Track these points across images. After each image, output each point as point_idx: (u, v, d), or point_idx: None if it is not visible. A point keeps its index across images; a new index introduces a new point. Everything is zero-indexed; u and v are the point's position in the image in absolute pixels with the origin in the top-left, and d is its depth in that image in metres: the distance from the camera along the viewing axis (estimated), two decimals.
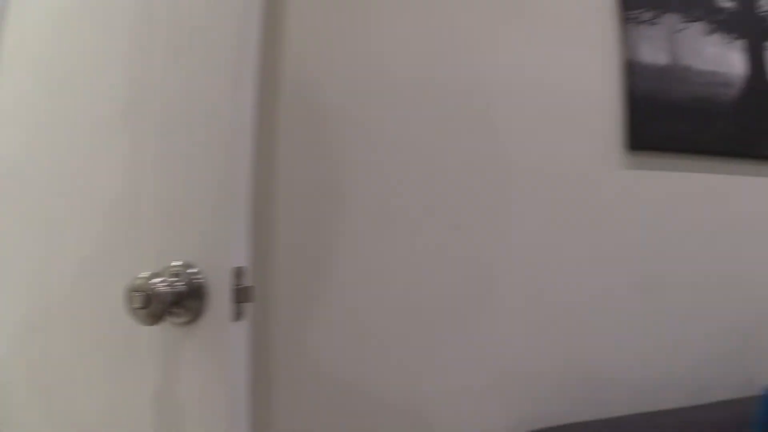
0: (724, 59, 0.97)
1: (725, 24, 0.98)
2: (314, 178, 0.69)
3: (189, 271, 0.42)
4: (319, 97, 0.70)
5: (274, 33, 0.67)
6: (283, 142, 0.67)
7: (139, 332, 0.42)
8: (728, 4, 1.00)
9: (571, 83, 0.86)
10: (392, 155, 0.73)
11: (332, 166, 0.70)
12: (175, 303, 0.40)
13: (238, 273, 0.42)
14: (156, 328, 0.41)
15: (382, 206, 0.72)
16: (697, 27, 0.96)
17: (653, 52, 0.91)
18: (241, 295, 0.42)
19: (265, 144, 0.64)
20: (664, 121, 0.90)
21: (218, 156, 0.44)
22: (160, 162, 0.47)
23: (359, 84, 0.72)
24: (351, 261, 0.69)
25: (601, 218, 0.85)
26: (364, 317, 0.69)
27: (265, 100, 0.62)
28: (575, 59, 0.87)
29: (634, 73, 0.89)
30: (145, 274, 0.40)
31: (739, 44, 0.99)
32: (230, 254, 0.42)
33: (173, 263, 0.42)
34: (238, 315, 0.42)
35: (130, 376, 0.47)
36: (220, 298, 0.41)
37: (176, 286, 0.40)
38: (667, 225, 0.89)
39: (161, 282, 0.40)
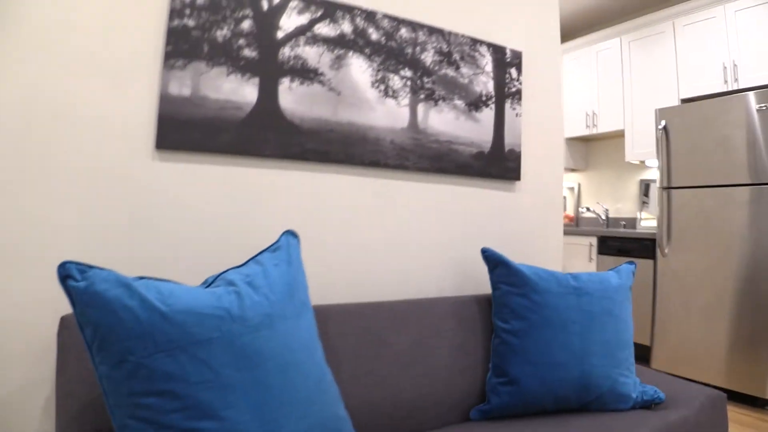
0: (239, 91, 1.48)
1: (243, 64, 1.49)
2: None
3: None
4: None
5: None
6: None
7: None
8: (250, 53, 1.50)
9: (123, 110, 1.34)
10: None
11: None
12: None
13: None
14: None
15: None
16: (220, 69, 1.46)
17: (180, 87, 1.40)
18: None
19: None
20: (182, 131, 1.40)
21: None
22: None
23: None
24: None
25: (139, 191, 1.36)
26: None
27: None
28: (130, 93, 1.35)
29: (164, 100, 1.38)
30: None
31: (255, 81, 1.50)
32: None
33: None
34: None
35: None
36: None
37: None
38: (185, 198, 1.42)
39: None
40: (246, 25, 1.51)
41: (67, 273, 0.86)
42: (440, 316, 1.57)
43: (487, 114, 1.94)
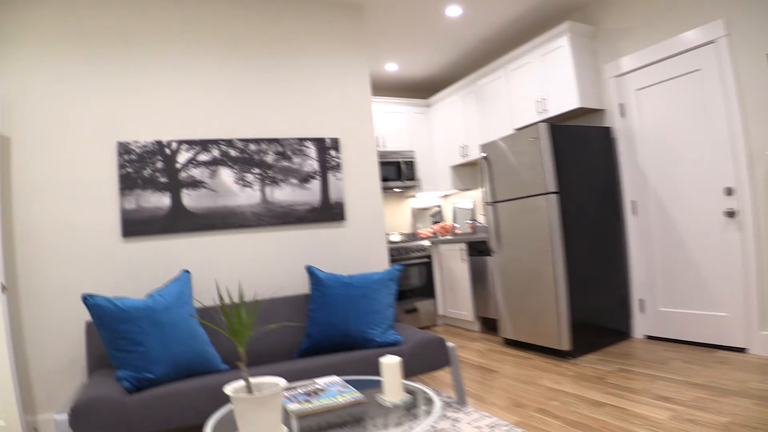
0: (160, 201, 3.43)
1: (161, 186, 3.44)
2: None
3: None
4: None
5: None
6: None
7: None
8: (163, 179, 3.45)
9: (104, 219, 3.31)
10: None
11: None
12: None
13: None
14: None
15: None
16: (150, 190, 3.42)
17: (131, 202, 3.37)
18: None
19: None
20: (134, 226, 3.36)
21: None
22: None
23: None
24: None
25: (111, 259, 3.32)
26: None
27: None
28: (107, 207, 3.32)
29: (123, 212, 3.35)
30: None
31: (168, 194, 3.45)
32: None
33: None
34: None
35: None
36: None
37: None
38: (139, 259, 3.37)
39: None
40: (159, 164, 3.46)
41: (85, 298, 2.80)
42: (281, 306, 3.45)
43: (315, 183, 3.81)
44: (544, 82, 4.74)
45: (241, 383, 1.76)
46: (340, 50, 4.14)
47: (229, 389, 1.68)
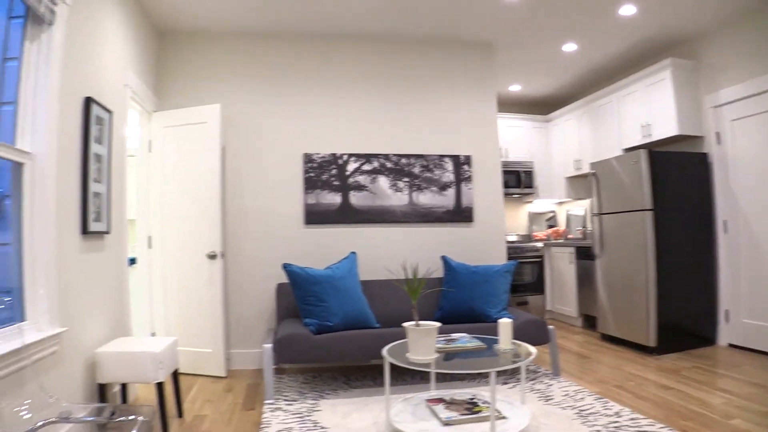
0: (334, 199, 4.67)
1: (334, 188, 4.67)
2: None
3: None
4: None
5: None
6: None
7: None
8: (336, 183, 4.67)
9: (292, 209, 4.59)
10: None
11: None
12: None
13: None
14: None
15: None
16: (326, 191, 4.66)
17: (312, 199, 4.63)
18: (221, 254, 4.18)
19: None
20: (314, 216, 4.61)
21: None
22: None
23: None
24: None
25: (295, 239, 4.59)
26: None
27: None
28: (294, 201, 4.60)
29: (306, 206, 4.62)
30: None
31: (339, 194, 4.67)
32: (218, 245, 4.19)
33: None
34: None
35: None
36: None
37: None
38: (317, 241, 4.63)
39: None
40: (333, 171, 4.68)
41: (285, 266, 4.05)
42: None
43: (451, 191, 4.86)
44: (648, 109, 5.41)
45: (409, 323, 2.84)
46: (472, 82, 5.18)
47: (405, 324, 2.78)
